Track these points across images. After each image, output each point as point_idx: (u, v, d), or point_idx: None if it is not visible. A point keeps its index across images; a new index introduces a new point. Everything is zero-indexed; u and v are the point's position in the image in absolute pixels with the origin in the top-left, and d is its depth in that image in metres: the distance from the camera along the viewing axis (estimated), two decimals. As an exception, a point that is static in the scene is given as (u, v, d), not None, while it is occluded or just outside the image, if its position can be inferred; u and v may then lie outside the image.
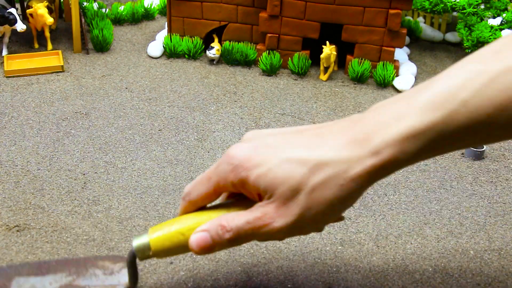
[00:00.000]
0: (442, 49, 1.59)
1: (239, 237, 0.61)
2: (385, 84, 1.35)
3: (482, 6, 1.56)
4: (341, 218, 0.67)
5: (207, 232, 0.62)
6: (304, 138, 0.61)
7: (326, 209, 0.58)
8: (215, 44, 1.40)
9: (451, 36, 1.62)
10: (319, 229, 0.63)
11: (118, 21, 1.62)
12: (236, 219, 0.61)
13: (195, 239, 0.62)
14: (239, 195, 0.65)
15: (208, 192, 0.64)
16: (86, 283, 0.76)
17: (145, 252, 0.67)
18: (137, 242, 0.67)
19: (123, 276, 0.76)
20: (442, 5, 1.50)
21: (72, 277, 0.78)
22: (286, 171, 0.57)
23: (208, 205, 0.68)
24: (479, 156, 1.09)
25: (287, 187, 0.57)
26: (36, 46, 1.46)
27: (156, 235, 0.66)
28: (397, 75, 1.37)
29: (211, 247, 0.62)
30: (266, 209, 0.59)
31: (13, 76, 1.32)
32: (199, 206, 0.66)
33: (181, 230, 0.65)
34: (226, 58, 1.41)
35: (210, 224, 0.62)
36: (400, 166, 0.56)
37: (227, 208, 0.65)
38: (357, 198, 0.59)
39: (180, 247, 0.65)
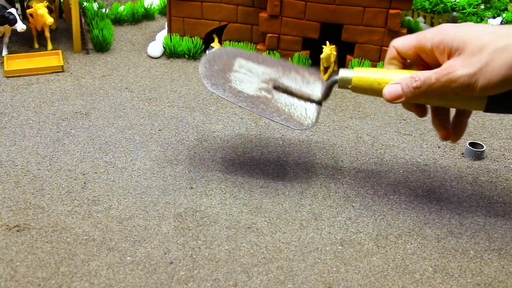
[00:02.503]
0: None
1: (423, 87, 0.76)
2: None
3: (482, 6, 1.56)
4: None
5: (399, 84, 0.78)
6: (499, 28, 0.74)
7: (501, 70, 0.71)
8: (215, 44, 1.40)
9: (451, 36, 1.61)
10: (490, 91, 0.74)
11: (118, 21, 1.62)
12: (426, 72, 0.75)
13: (388, 89, 0.79)
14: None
15: (410, 43, 0.79)
16: (287, 83, 0.96)
17: (345, 84, 0.84)
18: (343, 73, 0.84)
19: (317, 89, 0.94)
20: (442, 5, 1.50)
21: (278, 75, 0.97)
22: (478, 34, 0.72)
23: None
24: (479, 156, 1.09)
25: (476, 44, 0.72)
26: (36, 46, 1.46)
27: (360, 75, 0.83)
28: (397, 75, 1.37)
29: (399, 96, 0.78)
30: (453, 62, 0.73)
31: (13, 76, 1.32)
32: (400, 52, 0.81)
33: (379, 80, 0.80)
34: (226, 58, 1.41)
35: (403, 78, 0.78)
36: None
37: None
38: None
39: (374, 92, 0.82)
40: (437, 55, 0.77)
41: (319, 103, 0.94)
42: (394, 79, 0.80)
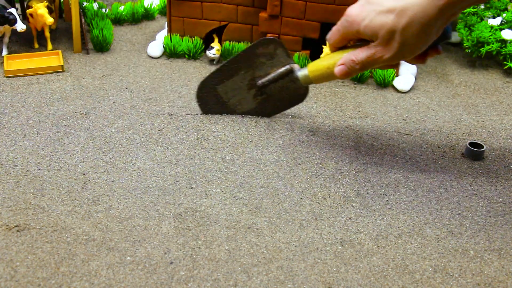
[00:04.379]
0: (442, 49, 1.59)
1: (364, 66, 0.92)
2: (385, 84, 1.35)
3: (482, 6, 1.56)
4: (438, 52, 0.94)
5: (344, 65, 0.94)
6: (390, 2, 0.85)
7: (416, 40, 0.85)
8: (215, 44, 1.40)
9: (451, 36, 1.61)
10: (415, 53, 0.88)
11: (118, 21, 1.62)
12: (360, 54, 0.91)
13: (337, 70, 0.96)
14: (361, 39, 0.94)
15: (338, 39, 0.95)
16: (262, 72, 1.10)
17: (307, 81, 1.06)
18: (300, 74, 1.07)
19: (283, 56, 1.10)
20: (442, 5, 1.49)
21: (250, 71, 1.10)
22: (381, 21, 0.85)
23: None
24: (479, 157, 1.09)
25: (385, 31, 0.85)
26: (36, 46, 1.46)
27: (313, 69, 1.03)
28: (397, 75, 1.37)
29: (348, 73, 0.95)
30: (377, 48, 0.88)
31: (13, 76, 1.32)
32: (337, 47, 0.98)
33: (327, 65, 0.99)
34: (226, 58, 1.41)
35: (345, 60, 0.94)
36: (461, 3, 0.81)
37: (354, 48, 0.95)
38: (437, 32, 0.85)
39: (329, 76, 1.01)
40: (362, 37, 0.91)
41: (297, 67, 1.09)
42: (337, 61, 0.96)
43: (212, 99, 1.16)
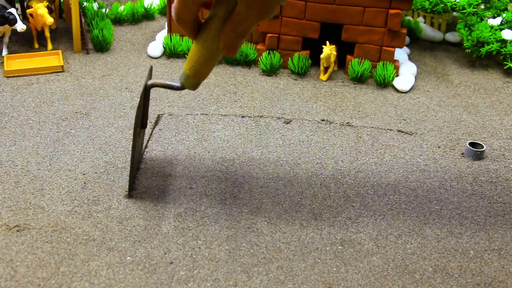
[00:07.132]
0: (442, 49, 1.59)
1: None
2: (385, 84, 1.35)
3: (482, 6, 1.56)
4: None
5: None
6: None
7: None
8: (215, 44, 1.40)
9: (451, 36, 1.62)
10: None
11: (118, 21, 1.62)
12: None
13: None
14: None
15: None
16: None
17: (187, 80, 0.77)
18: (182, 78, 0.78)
19: None
20: (442, 5, 1.50)
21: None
22: None
23: None
24: (479, 156, 1.09)
25: None
26: (36, 46, 1.46)
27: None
28: (397, 75, 1.37)
29: None
30: None
31: (13, 76, 1.32)
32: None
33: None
34: (226, 58, 1.41)
35: None
36: None
37: None
38: None
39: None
40: None
41: None
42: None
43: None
